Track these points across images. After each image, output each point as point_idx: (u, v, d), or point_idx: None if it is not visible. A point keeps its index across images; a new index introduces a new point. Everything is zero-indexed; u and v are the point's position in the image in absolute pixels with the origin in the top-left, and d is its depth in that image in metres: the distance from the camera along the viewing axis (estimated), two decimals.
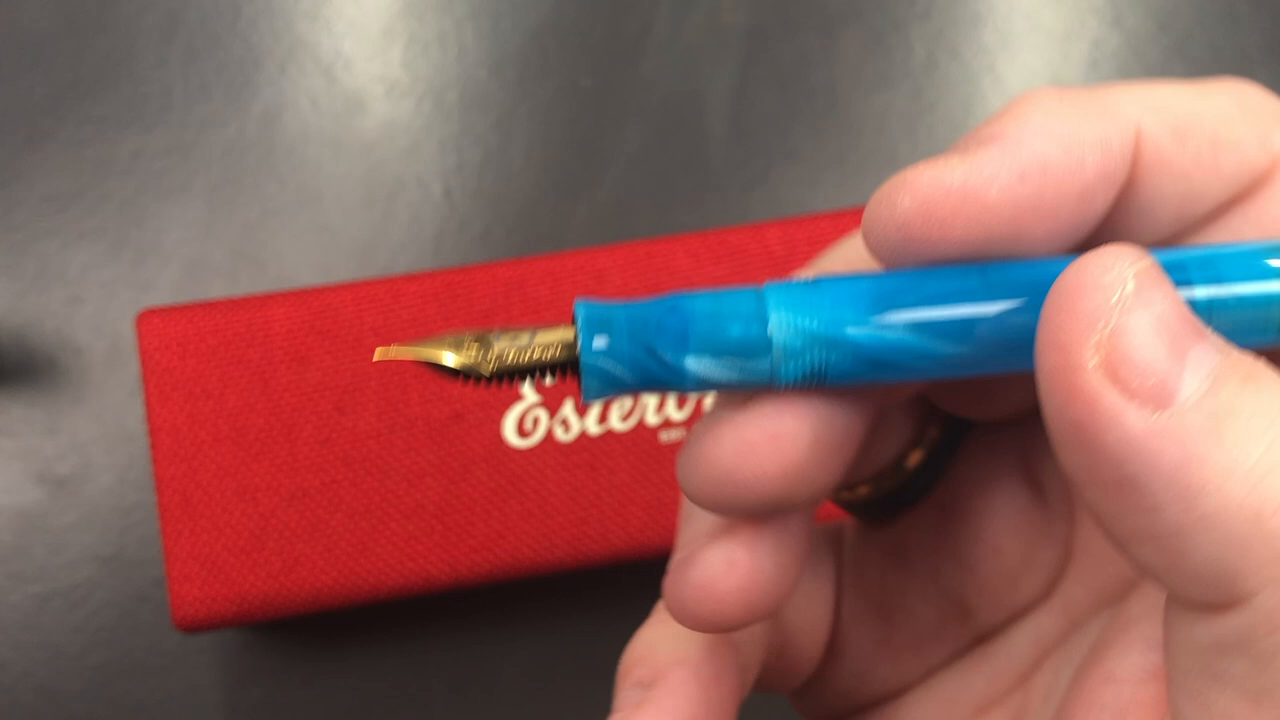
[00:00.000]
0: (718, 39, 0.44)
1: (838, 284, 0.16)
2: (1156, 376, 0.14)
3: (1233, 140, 0.17)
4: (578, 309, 0.16)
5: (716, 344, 0.16)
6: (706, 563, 0.18)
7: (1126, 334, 0.14)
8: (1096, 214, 0.17)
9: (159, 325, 0.34)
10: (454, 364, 0.16)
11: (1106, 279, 0.14)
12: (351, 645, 0.39)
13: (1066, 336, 0.15)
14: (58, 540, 0.38)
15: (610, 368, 0.16)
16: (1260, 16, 0.45)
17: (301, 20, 0.43)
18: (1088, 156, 0.16)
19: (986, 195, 0.16)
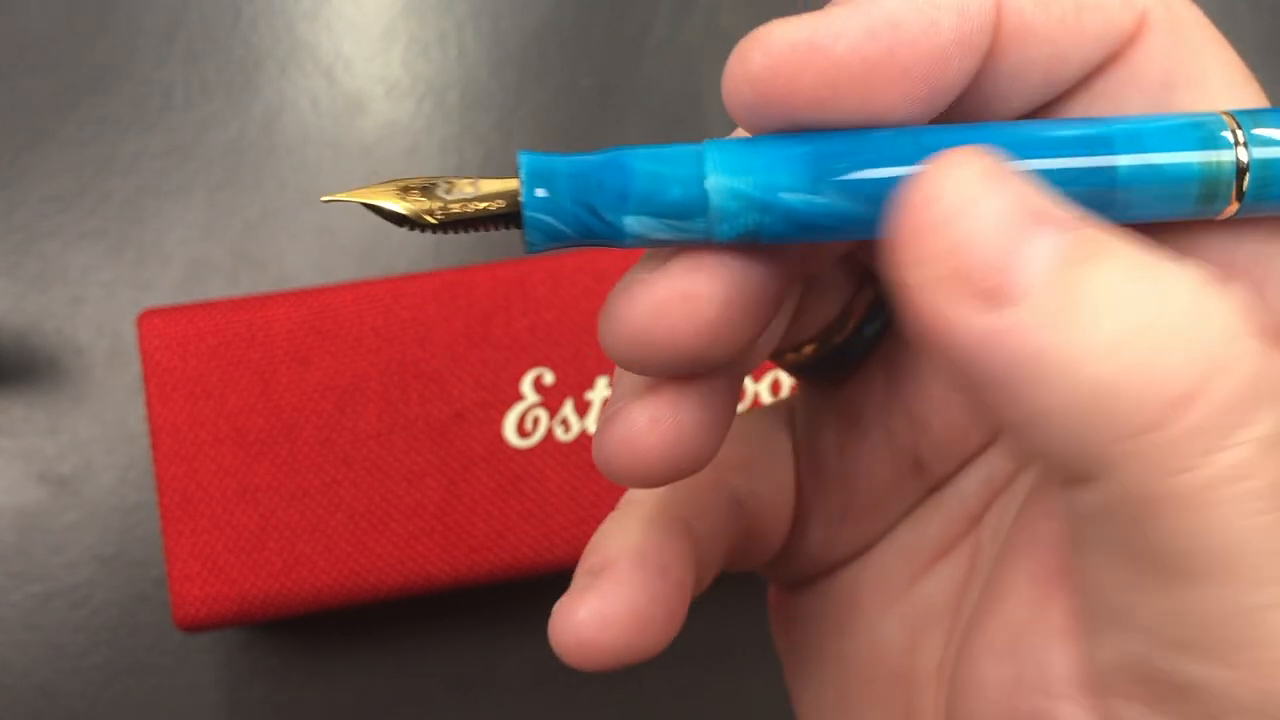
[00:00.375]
0: (718, 39, 0.44)
1: (774, 145, 0.16)
2: (993, 277, 0.14)
3: (1095, 2, 0.17)
4: (521, 160, 0.17)
5: (655, 205, 0.16)
6: (630, 419, 0.18)
7: (960, 245, 0.15)
8: (956, 78, 0.17)
9: (160, 325, 0.34)
10: (402, 210, 0.16)
11: (933, 191, 0.15)
12: (352, 645, 0.39)
13: (907, 253, 0.15)
14: (59, 540, 0.38)
15: (552, 222, 0.17)
16: (1259, 15, 0.45)
17: (302, 21, 0.43)
18: (942, 18, 0.16)
19: (834, 49, 0.16)
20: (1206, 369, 0.14)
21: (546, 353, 0.35)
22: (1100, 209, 0.17)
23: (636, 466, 0.18)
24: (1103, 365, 0.14)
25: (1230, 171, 0.17)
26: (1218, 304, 0.14)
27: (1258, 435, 0.14)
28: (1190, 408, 0.14)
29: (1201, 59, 0.18)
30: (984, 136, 0.17)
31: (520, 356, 0.35)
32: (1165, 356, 0.14)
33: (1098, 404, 0.14)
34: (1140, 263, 0.14)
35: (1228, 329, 0.14)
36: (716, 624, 0.40)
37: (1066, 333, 0.14)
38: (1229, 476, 0.14)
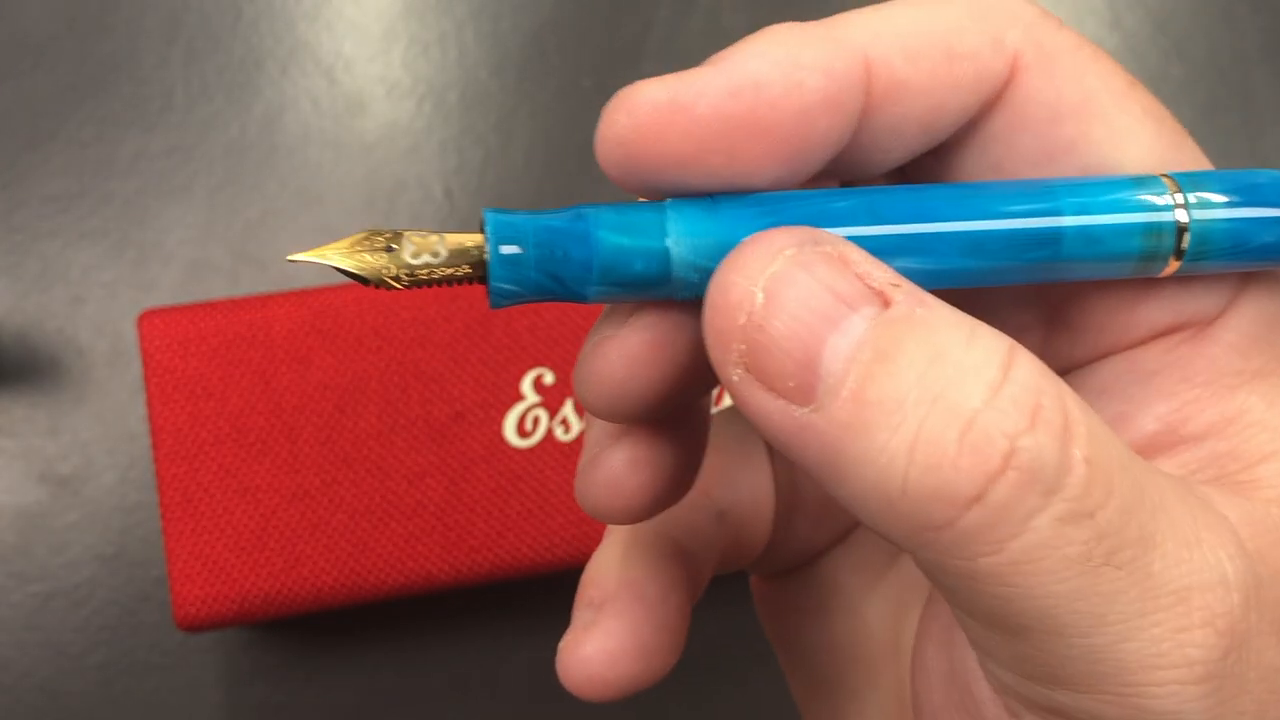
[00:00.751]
0: (718, 40, 0.44)
1: (734, 218, 0.17)
2: (794, 377, 0.15)
3: (966, 51, 0.18)
4: (488, 226, 0.17)
5: (619, 278, 0.17)
6: (611, 463, 0.19)
7: (759, 348, 0.15)
8: (826, 137, 0.17)
9: (161, 325, 0.35)
10: (365, 274, 0.16)
11: (733, 296, 0.15)
12: (352, 644, 0.39)
13: (714, 352, 0.16)
14: (60, 540, 0.38)
15: (516, 289, 0.17)
16: (1258, 17, 0.45)
17: (302, 21, 0.43)
18: (807, 79, 0.17)
19: (695, 109, 0.16)
20: (989, 471, 0.14)
21: (546, 353, 0.36)
22: (1044, 271, 0.17)
23: (621, 507, 0.19)
24: (893, 472, 0.15)
25: (1170, 233, 0.17)
26: (1007, 397, 0.15)
27: (1050, 518, 0.14)
28: (976, 507, 0.14)
29: (1082, 84, 0.18)
30: (930, 196, 0.17)
31: (520, 356, 0.35)
32: (950, 462, 0.14)
33: (894, 505, 0.15)
34: (937, 353, 0.15)
35: (1011, 424, 0.14)
36: (716, 625, 0.40)
37: (862, 440, 0.15)
38: (1031, 556, 0.15)
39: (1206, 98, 0.45)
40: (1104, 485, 0.15)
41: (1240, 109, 0.45)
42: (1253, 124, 0.45)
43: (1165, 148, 0.18)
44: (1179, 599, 0.15)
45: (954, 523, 0.15)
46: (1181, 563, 0.15)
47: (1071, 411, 0.15)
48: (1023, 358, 0.15)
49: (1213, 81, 0.45)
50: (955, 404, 0.15)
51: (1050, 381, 0.15)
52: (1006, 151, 0.18)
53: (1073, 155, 0.18)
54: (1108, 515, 0.15)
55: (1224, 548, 0.16)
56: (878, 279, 0.15)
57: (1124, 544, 0.15)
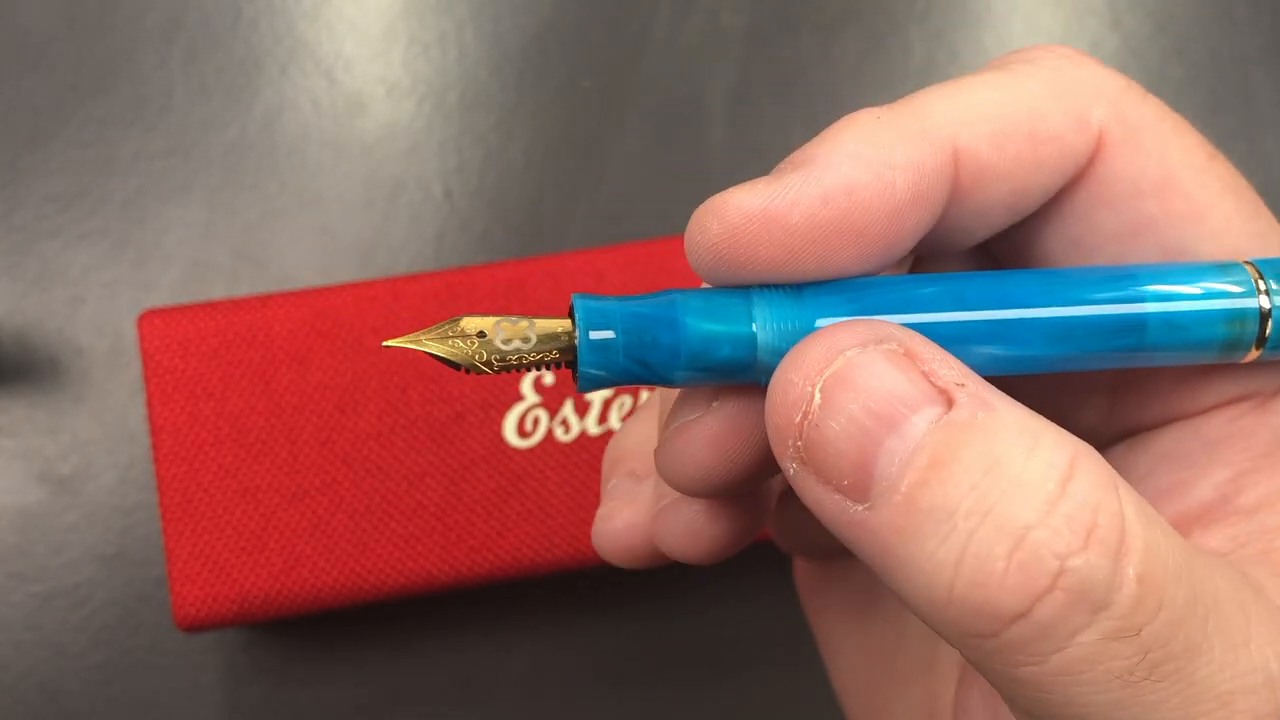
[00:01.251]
0: (717, 40, 0.44)
1: (819, 300, 0.17)
2: (849, 476, 0.15)
3: (1051, 133, 0.18)
4: (577, 312, 0.17)
5: (706, 363, 0.17)
6: (689, 512, 0.20)
7: (815, 446, 0.15)
8: (915, 230, 0.17)
9: (160, 326, 0.35)
10: (455, 360, 0.17)
11: (792, 396, 0.16)
12: (352, 644, 0.39)
13: (774, 445, 0.16)
14: (59, 540, 0.38)
15: (605, 375, 0.17)
16: (1258, 17, 0.45)
17: (302, 21, 0.43)
18: (899, 179, 0.17)
19: (788, 219, 0.16)
20: (1036, 591, 0.14)
21: None
22: (1128, 358, 0.17)
23: (699, 552, 0.20)
24: (940, 580, 0.15)
25: (1254, 319, 0.17)
26: (1061, 515, 0.15)
27: (1096, 635, 0.15)
28: (1021, 623, 0.15)
29: (1165, 160, 0.18)
30: (1014, 283, 0.17)
31: None
32: (997, 580, 0.14)
33: (939, 610, 0.15)
34: (994, 463, 0.15)
35: (1063, 544, 0.14)
36: (716, 627, 0.40)
37: (911, 545, 0.15)
38: (1073, 669, 0.15)
39: (1206, 98, 0.45)
40: (1154, 601, 0.15)
41: (1240, 109, 0.45)
42: (1253, 124, 0.45)
43: (1244, 220, 0.18)
44: (1221, 704, 0.15)
45: (998, 634, 0.15)
46: (1226, 667, 0.15)
47: (1130, 524, 0.15)
48: (1084, 469, 0.15)
49: (1213, 81, 0.45)
50: (1007, 519, 0.14)
51: (1110, 494, 0.15)
52: (1088, 227, 0.19)
53: (1153, 232, 0.18)
54: (1155, 629, 0.15)
55: (1272, 645, 0.16)
56: (943, 377, 0.15)
57: (1168, 657, 0.15)
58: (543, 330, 0.17)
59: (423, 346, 0.17)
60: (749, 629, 0.40)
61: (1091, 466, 0.15)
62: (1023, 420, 0.15)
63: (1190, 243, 0.18)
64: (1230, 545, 0.18)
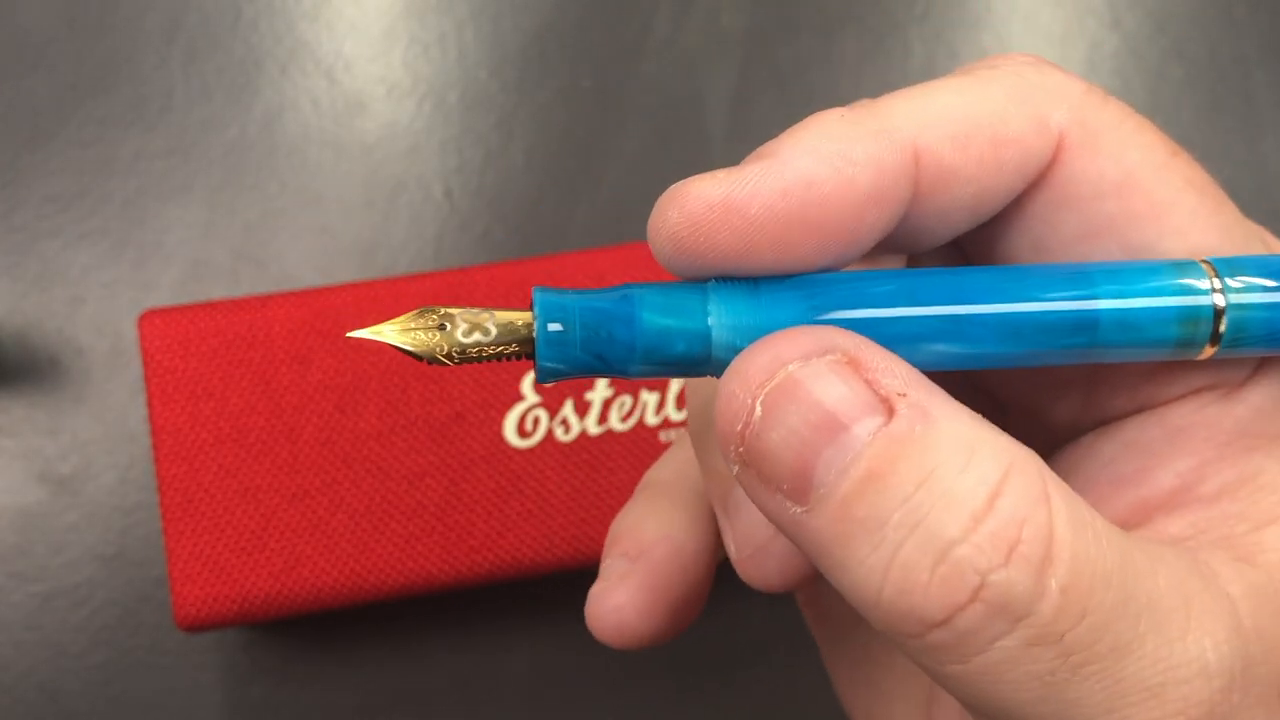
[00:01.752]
0: (717, 41, 0.44)
1: (774, 296, 0.17)
2: (788, 481, 0.16)
3: (1012, 136, 0.18)
4: (536, 305, 0.17)
5: (661, 358, 0.17)
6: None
7: (756, 453, 0.16)
8: (875, 227, 0.17)
9: (161, 326, 0.35)
10: (416, 351, 0.17)
11: (734, 406, 0.16)
12: (353, 644, 0.39)
13: (719, 446, 0.17)
14: (60, 540, 0.38)
15: (562, 368, 0.17)
16: (1258, 17, 0.45)
17: (302, 22, 0.43)
18: (858, 176, 0.17)
19: (748, 209, 0.17)
20: (957, 602, 0.15)
21: None
22: (1081, 355, 0.18)
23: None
24: (870, 585, 0.15)
25: (1207, 320, 0.17)
26: (986, 532, 0.15)
27: (1017, 640, 0.15)
28: (943, 629, 0.15)
29: (1124, 160, 0.18)
30: (967, 281, 0.17)
31: None
32: (920, 589, 0.15)
33: (871, 610, 0.16)
34: (926, 477, 0.15)
35: (985, 560, 0.15)
36: (716, 627, 0.40)
37: (845, 550, 0.16)
38: (995, 670, 0.15)
39: (1206, 98, 0.45)
40: (1078, 608, 0.15)
41: (1240, 109, 0.45)
42: (1253, 124, 0.45)
43: (1207, 214, 0.18)
44: (1151, 694, 0.16)
45: (922, 636, 0.15)
46: (1159, 661, 0.16)
47: (1059, 535, 0.15)
48: (1016, 483, 0.15)
49: (1213, 81, 0.45)
50: (933, 534, 0.15)
51: (1040, 506, 0.15)
52: (1049, 229, 0.19)
53: (1113, 232, 0.19)
54: (1077, 634, 0.15)
55: (1211, 635, 0.16)
56: (886, 386, 0.16)
57: (1093, 658, 0.15)
58: (502, 323, 0.17)
59: (384, 338, 0.17)
60: (749, 629, 0.40)
61: (1023, 479, 0.15)
62: (960, 433, 0.16)
63: (1152, 241, 0.18)
64: (1191, 531, 0.18)
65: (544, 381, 0.17)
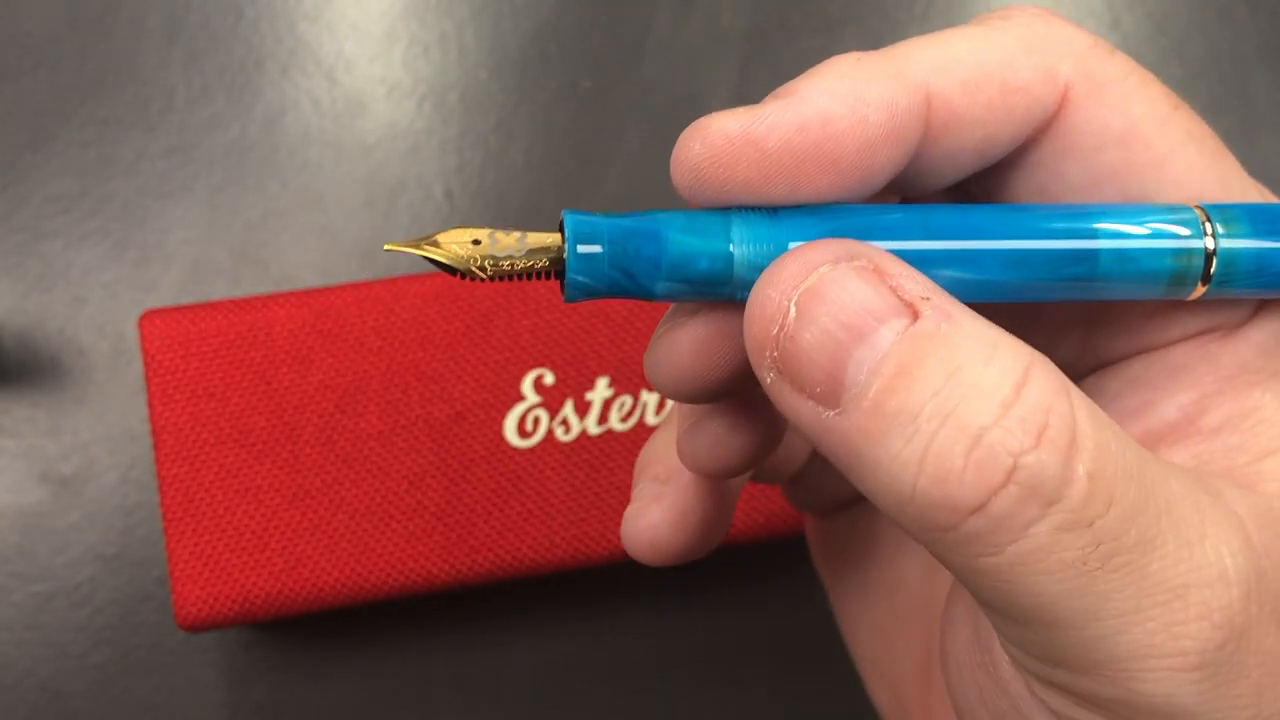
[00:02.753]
0: (717, 41, 0.44)
1: (794, 224, 0.18)
2: (821, 384, 0.16)
3: (1020, 84, 0.19)
4: (566, 225, 0.18)
5: (685, 274, 0.18)
6: (714, 428, 0.22)
7: (790, 356, 0.17)
8: (886, 166, 0.18)
9: (162, 326, 0.35)
10: (451, 263, 0.18)
11: (769, 310, 0.17)
12: (353, 644, 0.39)
13: (752, 356, 0.17)
14: (61, 539, 0.38)
15: (590, 283, 0.18)
16: (1257, 17, 0.45)
17: (303, 22, 0.43)
18: (872, 115, 0.18)
19: (765, 142, 0.17)
20: (992, 485, 0.15)
21: (547, 353, 0.36)
22: (1081, 288, 0.18)
23: (725, 466, 0.21)
24: (905, 479, 0.16)
25: (1199, 256, 0.18)
26: (1015, 417, 0.16)
27: (1049, 526, 0.15)
28: (978, 515, 0.16)
29: (1128, 112, 0.19)
30: (977, 215, 0.18)
31: (521, 357, 0.36)
32: (956, 476, 0.15)
33: (904, 506, 0.16)
34: (954, 370, 0.16)
35: (1016, 442, 0.15)
36: (716, 627, 0.40)
37: (878, 447, 0.16)
38: (1028, 559, 0.16)
39: (1206, 98, 0.45)
40: (1105, 496, 0.16)
41: (1240, 109, 0.45)
42: (1253, 124, 0.45)
43: (1206, 166, 0.19)
44: (1175, 595, 0.16)
45: (958, 527, 0.16)
46: (1181, 561, 0.16)
47: (1081, 426, 0.16)
48: (1039, 375, 0.16)
49: (1213, 81, 0.45)
50: (965, 421, 0.15)
51: (1063, 398, 0.16)
52: (1053, 176, 0.19)
53: (1115, 181, 0.19)
54: (1106, 523, 0.16)
55: (1227, 544, 0.17)
56: (910, 291, 0.16)
57: (1120, 549, 0.16)
58: (534, 241, 0.18)
59: (423, 251, 0.18)
60: (749, 630, 0.40)
61: (1045, 373, 0.16)
62: (982, 331, 0.16)
63: (1152, 190, 0.19)
64: (1194, 462, 0.19)
65: (573, 299, 0.18)
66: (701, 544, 0.23)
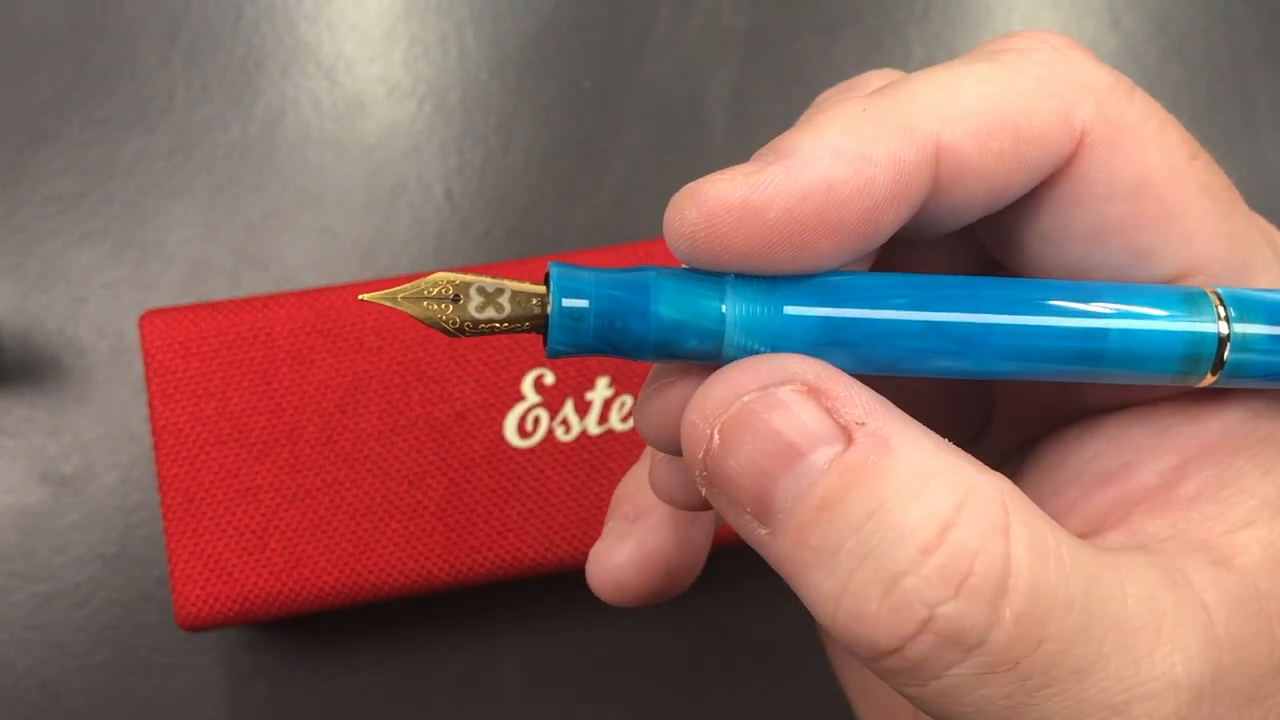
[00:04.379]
0: (717, 41, 0.44)
1: (790, 295, 0.17)
2: (750, 506, 0.16)
3: (1035, 133, 0.18)
4: (552, 285, 0.17)
5: (673, 352, 0.17)
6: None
7: (717, 479, 0.16)
8: (892, 225, 0.17)
9: (162, 326, 0.35)
10: (428, 322, 0.17)
11: (694, 436, 0.17)
12: (353, 644, 0.39)
13: (688, 469, 0.17)
14: (61, 539, 0.38)
15: (572, 350, 0.17)
16: (1257, 17, 0.45)
17: (303, 22, 0.43)
18: (879, 176, 0.17)
19: (766, 213, 0.16)
20: (906, 633, 0.15)
21: None
22: (1086, 370, 0.18)
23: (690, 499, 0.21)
24: (825, 609, 0.16)
25: (1210, 355, 0.18)
26: (934, 565, 0.15)
27: (969, 670, 0.15)
28: (895, 657, 0.15)
29: (1143, 162, 0.18)
30: (980, 299, 0.17)
31: (521, 357, 0.36)
32: (870, 618, 0.15)
33: (829, 630, 0.16)
34: (878, 508, 0.15)
35: (932, 593, 0.15)
36: (715, 628, 0.40)
37: (803, 574, 0.16)
38: (954, 694, 0.16)
39: (1206, 98, 0.45)
40: (1033, 637, 0.15)
41: (1240, 109, 0.45)
42: (1253, 124, 0.45)
43: (1216, 222, 0.18)
44: (1114, 711, 0.16)
45: (878, 661, 0.16)
46: (1124, 680, 0.16)
47: (1016, 564, 0.15)
48: (971, 514, 0.15)
49: (1213, 81, 0.45)
50: (882, 565, 0.15)
51: (997, 538, 0.15)
52: (1059, 223, 0.19)
53: (1122, 234, 0.18)
54: (1034, 661, 0.15)
55: (1182, 650, 0.16)
56: (846, 415, 0.16)
57: (1051, 681, 0.16)
58: (517, 298, 0.17)
59: (398, 305, 0.17)
60: (748, 630, 0.40)
61: (980, 509, 0.15)
62: (917, 462, 0.16)
63: (1158, 246, 0.18)
64: (1170, 532, 0.18)
65: (553, 358, 0.18)
66: (666, 587, 0.23)
